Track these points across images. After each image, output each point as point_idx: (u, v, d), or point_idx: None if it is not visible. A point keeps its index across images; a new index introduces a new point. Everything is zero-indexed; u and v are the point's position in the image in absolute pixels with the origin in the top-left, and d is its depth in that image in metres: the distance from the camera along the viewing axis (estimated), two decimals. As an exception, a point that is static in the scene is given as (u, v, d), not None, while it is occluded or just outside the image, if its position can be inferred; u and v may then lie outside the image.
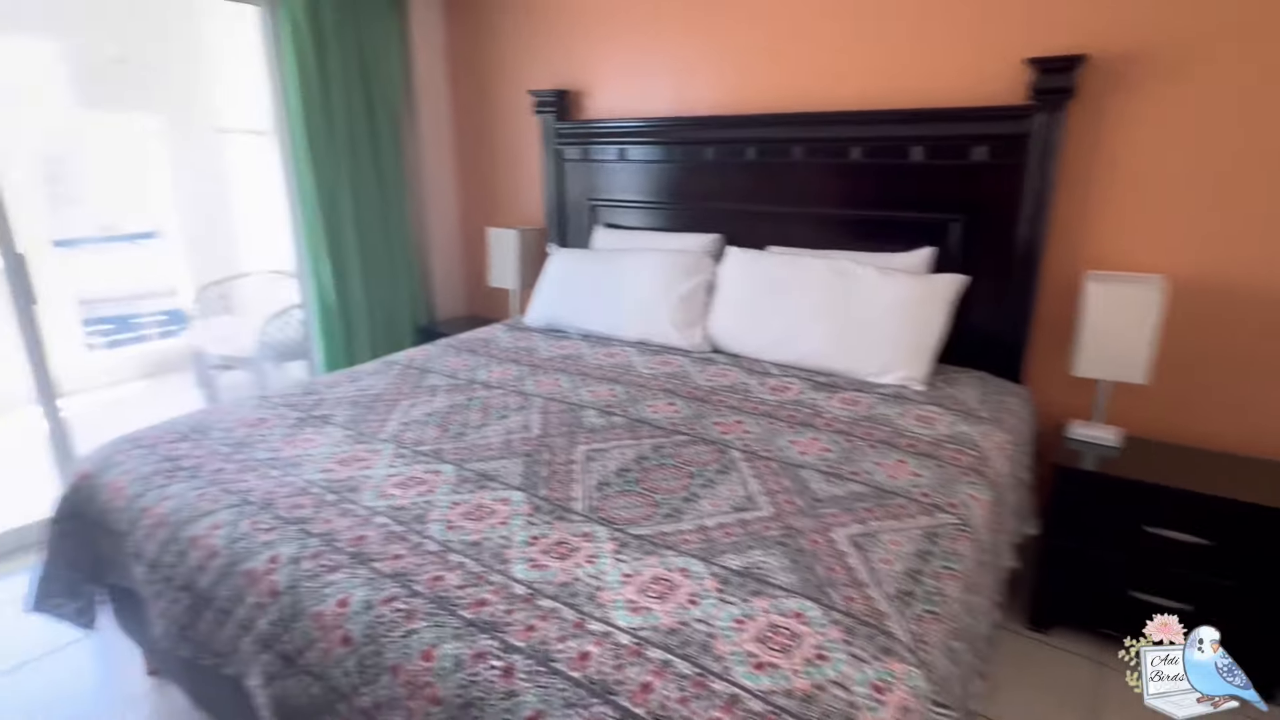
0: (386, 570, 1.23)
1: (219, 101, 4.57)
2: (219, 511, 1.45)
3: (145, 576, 1.51)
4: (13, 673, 1.96)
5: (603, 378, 2.24)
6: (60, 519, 1.72)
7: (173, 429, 1.86)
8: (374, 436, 1.79)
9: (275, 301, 4.15)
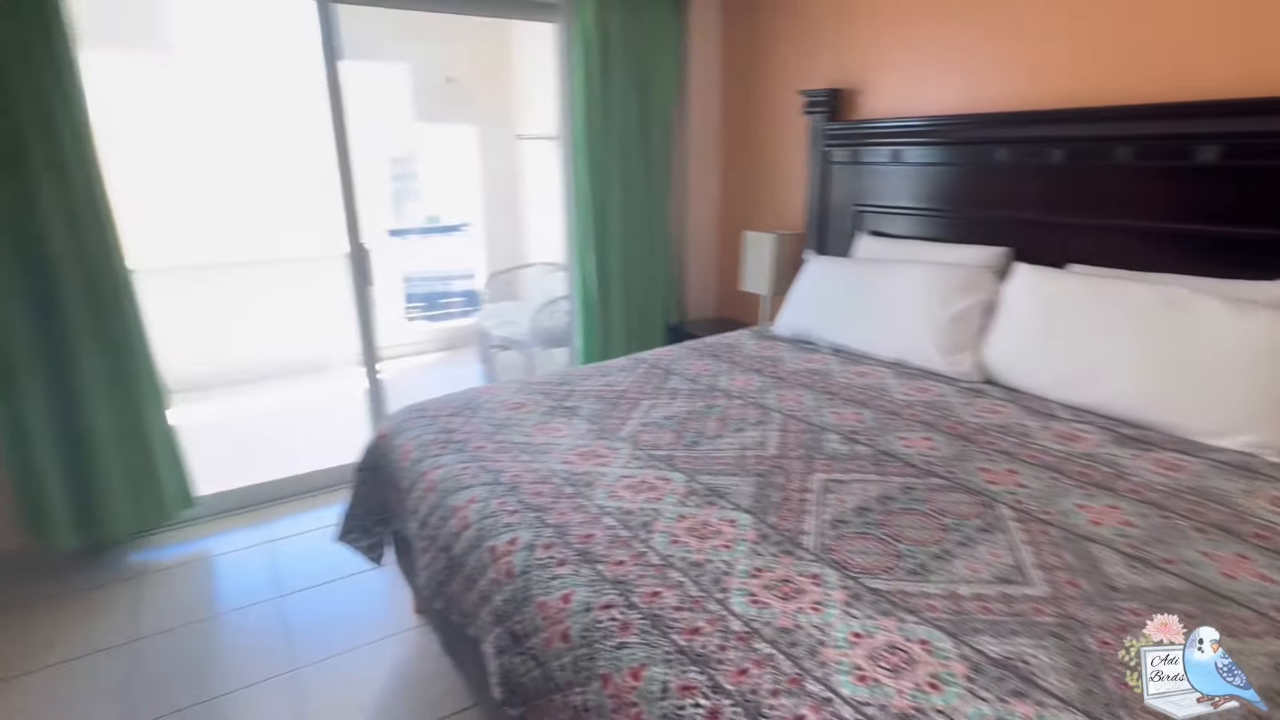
0: (609, 575, 1.24)
1: (521, 112, 5.14)
2: (476, 487, 1.60)
3: (417, 531, 1.72)
4: (320, 587, 2.40)
5: (850, 399, 2.08)
6: (362, 468, 2.04)
7: (450, 403, 2.10)
8: (613, 434, 1.85)
9: (548, 291, 4.56)
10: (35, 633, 2.17)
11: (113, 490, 2.45)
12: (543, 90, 4.84)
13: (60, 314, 2.29)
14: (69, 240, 2.26)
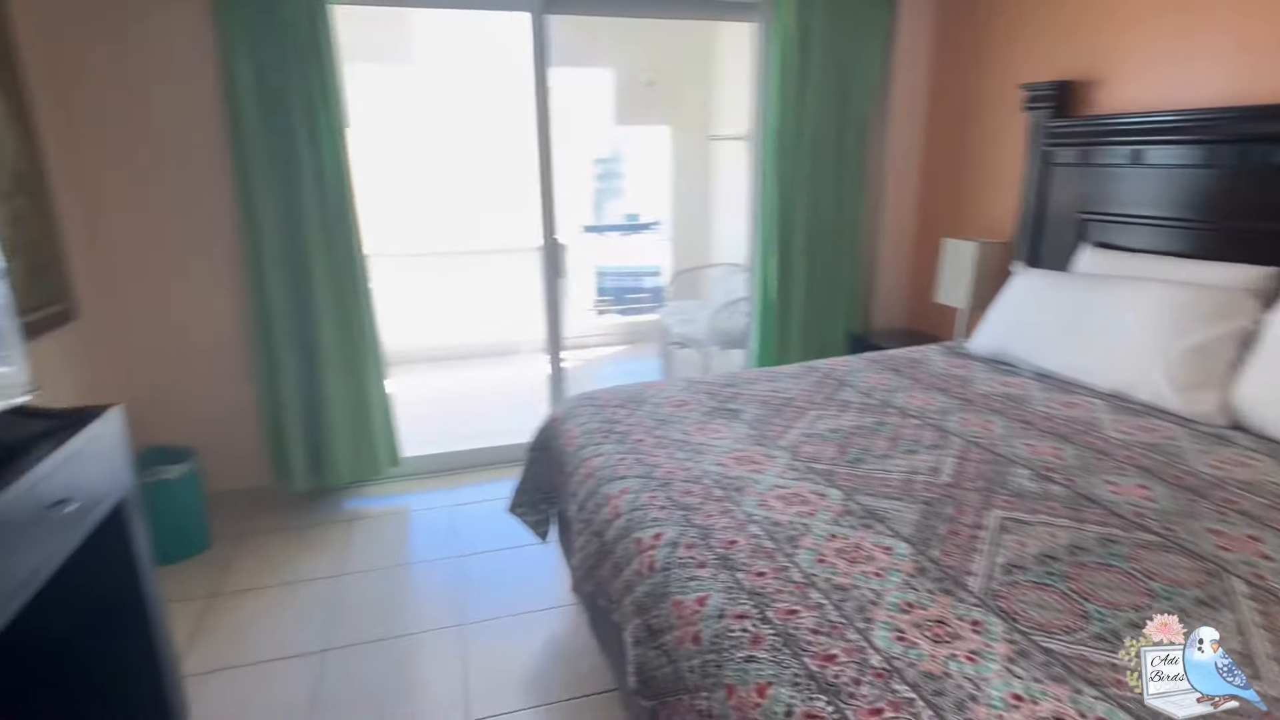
0: (746, 584, 1.21)
1: (716, 113, 5.18)
2: (630, 479, 1.64)
3: (575, 514, 1.80)
4: (493, 553, 2.60)
5: (1050, 431, 1.84)
6: (534, 447, 2.18)
7: (618, 395, 2.17)
8: (773, 441, 1.80)
9: (730, 292, 4.55)
10: (271, 555, 2.59)
11: (338, 445, 2.85)
12: (739, 91, 4.84)
13: (309, 295, 2.70)
14: (320, 230, 2.66)
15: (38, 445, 1.38)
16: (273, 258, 2.62)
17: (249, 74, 2.46)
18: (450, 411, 4.29)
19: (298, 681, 1.96)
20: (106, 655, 1.68)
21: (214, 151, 2.58)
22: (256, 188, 2.55)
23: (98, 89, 2.44)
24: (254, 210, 2.57)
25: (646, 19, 3.29)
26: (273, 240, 2.61)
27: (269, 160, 2.55)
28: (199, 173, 2.60)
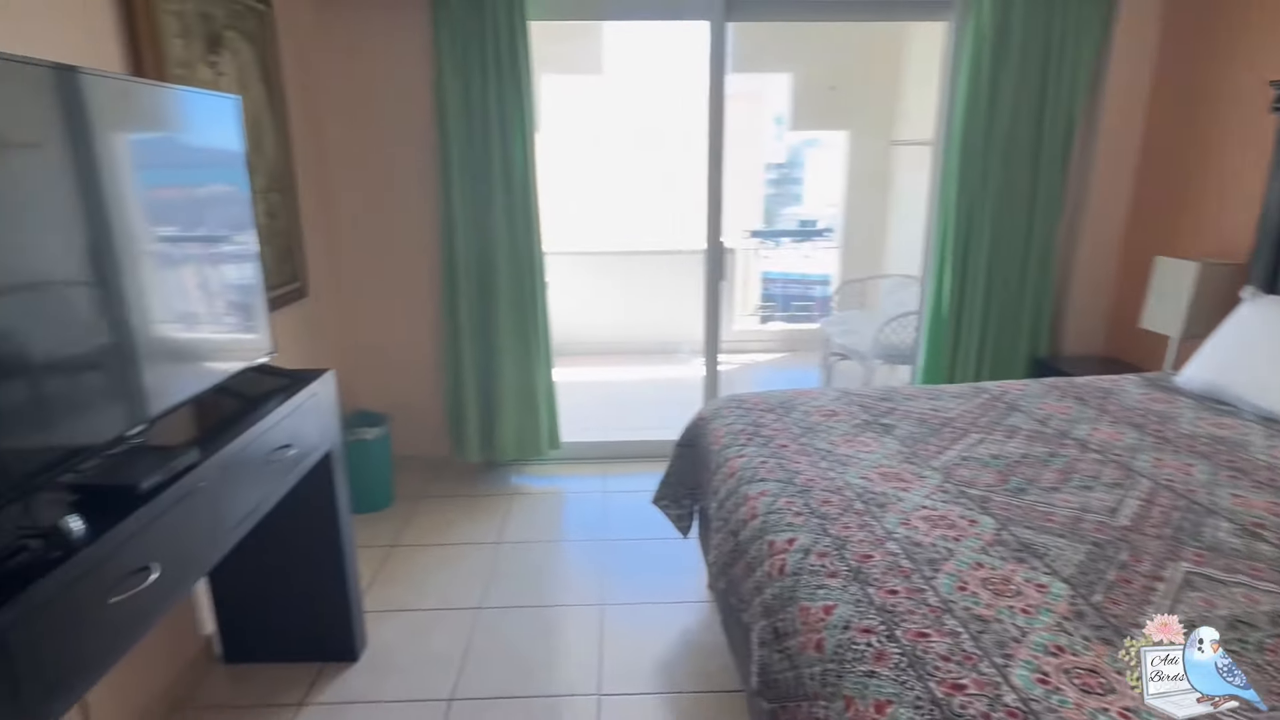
0: (877, 600, 1.19)
1: (900, 117, 4.95)
2: (769, 482, 1.65)
3: (715, 511, 1.84)
4: (637, 541, 2.71)
5: (1269, 483, 1.59)
6: (681, 443, 2.25)
7: (767, 399, 2.18)
8: (925, 461, 1.72)
9: (900, 305, 4.34)
10: (443, 517, 2.88)
11: (506, 425, 3.11)
12: (926, 94, 4.59)
13: (491, 289, 2.97)
14: (505, 229, 2.91)
15: (272, 398, 1.67)
16: (463, 254, 2.92)
17: (457, 88, 2.76)
18: (609, 404, 4.49)
19: (455, 632, 2.18)
20: (307, 583, 1.98)
21: (425, 157, 2.92)
22: (455, 189, 2.85)
23: (337, 102, 2.86)
24: (451, 210, 2.88)
25: (833, 22, 3.21)
26: (464, 238, 2.90)
27: (466, 164, 2.84)
28: (411, 176, 2.96)
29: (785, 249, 6.42)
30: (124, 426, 1.24)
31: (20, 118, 1.08)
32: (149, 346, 1.33)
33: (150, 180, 1.39)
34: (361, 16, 2.78)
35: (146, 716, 1.77)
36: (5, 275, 1.03)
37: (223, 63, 2.13)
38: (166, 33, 1.85)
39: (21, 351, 1.05)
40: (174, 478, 1.22)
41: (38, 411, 1.09)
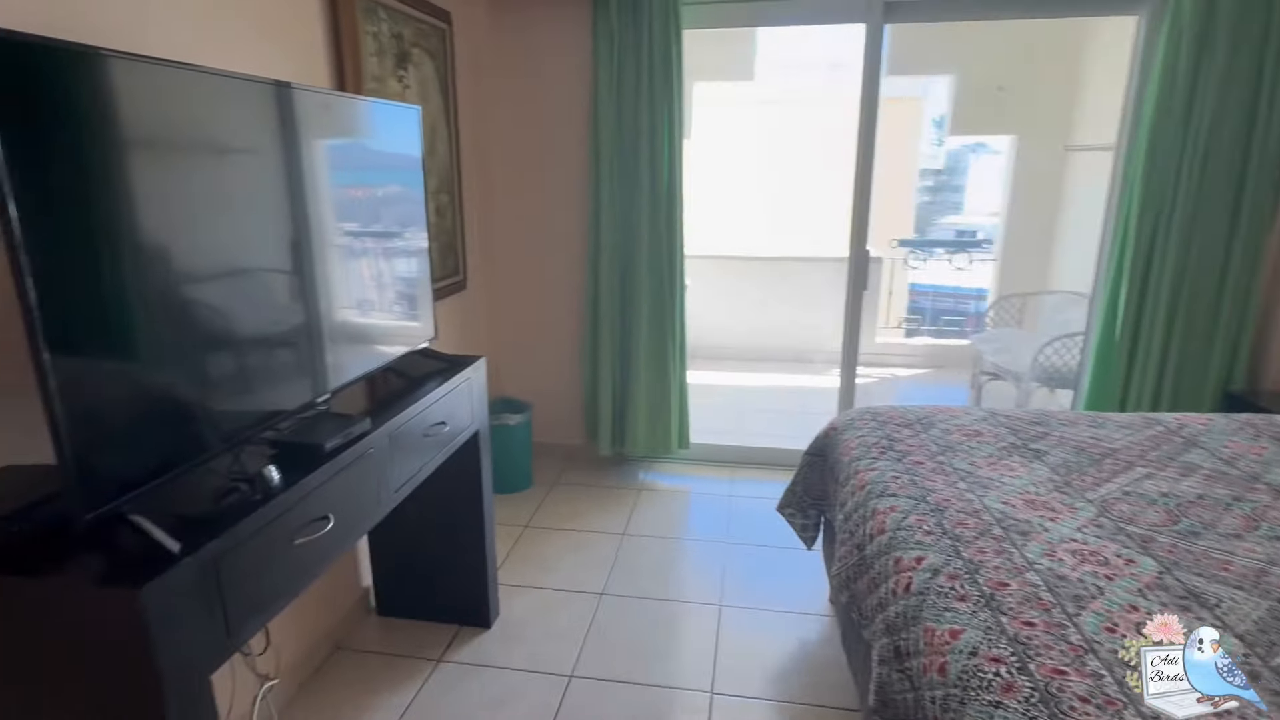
0: (1009, 629, 1.12)
1: (1074, 120, 4.54)
2: (900, 498, 1.60)
3: (841, 523, 1.81)
4: (759, 547, 2.70)
5: None
6: (810, 452, 2.22)
7: (904, 414, 2.10)
8: (1080, 492, 1.59)
9: (1064, 324, 4.00)
10: (574, 504, 3.02)
11: (639, 421, 3.20)
12: (1109, 96, 4.20)
13: (632, 289, 3.07)
14: (649, 232, 3.00)
15: (431, 380, 1.84)
16: (607, 255, 3.04)
17: (610, 97, 2.89)
18: (740, 408, 4.48)
19: (580, 613, 2.29)
20: (450, 551, 2.16)
21: (577, 162, 3.08)
22: (603, 192, 2.98)
23: (501, 111, 3.08)
24: (598, 211, 3.02)
25: (1004, 20, 3.03)
26: (609, 239, 3.03)
27: (616, 169, 2.96)
28: (564, 180, 3.13)
29: (936, 259, 6.08)
30: (311, 395, 1.44)
31: (244, 126, 1.28)
32: (333, 329, 1.53)
33: (342, 181, 1.59)
34: (529, 31, 2.98)
35: (314, 649, 2.02)
36: (225, 261, 1.23)
37: (408, 76, 2.38)
38: (365, 52, 2.10)
39: (234, 327, 1.25)
40: (351, 442, 1.40)
41: (246, 378, 1.29)
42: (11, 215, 0.83)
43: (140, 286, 1.06)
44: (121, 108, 1.02)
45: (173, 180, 1.12)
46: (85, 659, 0.98)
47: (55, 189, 0.91)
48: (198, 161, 1.18)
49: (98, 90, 0.99)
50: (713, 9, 2.95)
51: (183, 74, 1.13)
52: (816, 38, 6.49)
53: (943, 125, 8.29)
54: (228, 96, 1.23)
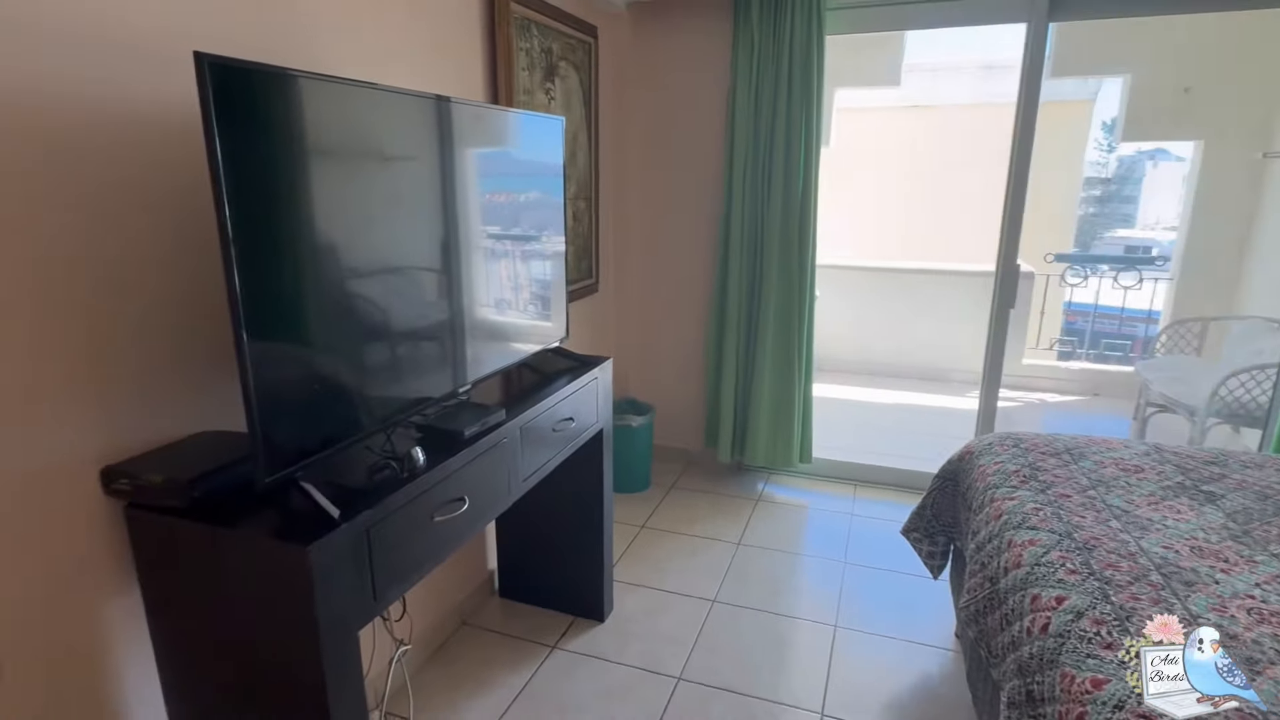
0: (1164, 687, 1.02)
1: (1277, 124, 3.99)
2: (1041, 531, 1.48)
3: (972, 553, 1.70)
4: (879, 570, 2.58)
5: None
6: (942, 475, 2.10)
7: (1051, 443, 1.94)
8: (1262, 544, 1.41)
9: (1256, 354, 3.54)
10: (691, 509, 3.04)
11: (760, 432, 3.17)
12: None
13: (759, 298, 3.05)
14: (779, 242, 2.97)
15: (562, 377, 1.93)
16: (736, 262, 3.04)
17: (747, 104, 2.89)
18: (866, 424, 4.31)
19: (690, 617, 2.30)
20: (570, 544, 2.25)
21: (711, 170, 3.10)
22: (735, 200, 2.99)
23: (639, 120, 3.17)
24: (729, 219, 3.02)
25: (1188, 14, 2.73)
26: (738, 247, 3.02)
27: (749, 177, 2.95)
28: (696, 187, 3.16)
29: (1099, 276, 5.54)
30: (454, 386, 1.55)
31: (407, 136, 1.40)
32: (475, 325, 1.64)
33: (489, 186, 1.70)
34: (669, 41, 3.05)
35: (443, 623, 2.17)
36: (385, 259, 1.35)
37: (555, 88, 2.50)
38: (518, 66, 2.23)
39: (392, 320, 1.37)
40: (487, 430, 1.49)
41: (399, 367, 1.41)
42: (226, 217, 0.97)
43: (319, 280, 1.19)
44: (313, 121, 1.16)
45: (348, 185, 1.25)
46: (256, 602, 1.12)
47: (259, 194, 1.05)
48: (368, 168, 1.31)
49: (295, 106, 1.13)
50: (859, 13, 2.87)
51: (362, 91, 1.26)
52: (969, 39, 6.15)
53: (1113, 130, 7.56)
54: (397, 110, 1.36)
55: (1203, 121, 4.29)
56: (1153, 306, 5.08)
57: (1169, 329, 4.24)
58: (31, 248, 1.05)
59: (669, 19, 3.02)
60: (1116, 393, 4.82)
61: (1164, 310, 4.82)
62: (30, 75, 1.02)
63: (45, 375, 1.08)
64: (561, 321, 2.07)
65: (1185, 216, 4.55)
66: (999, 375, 3.02)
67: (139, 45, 1.16)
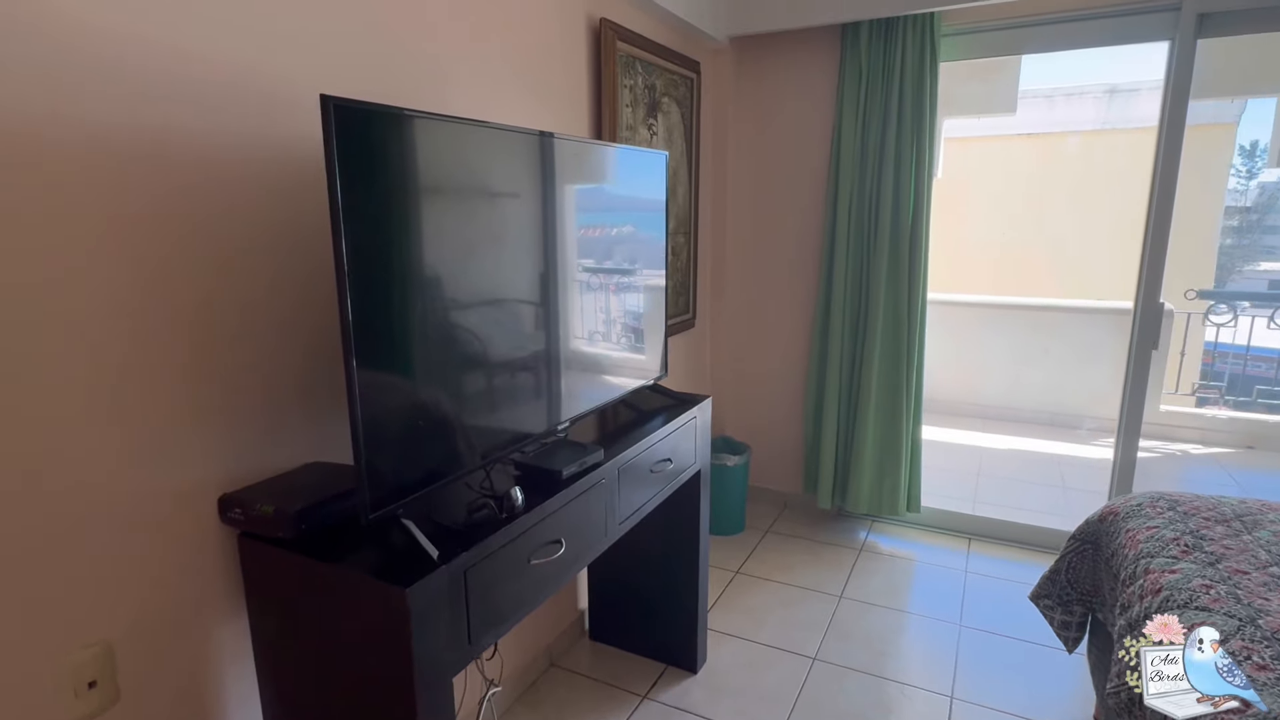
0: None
1: None
2: (1215, 614, 1.28)
3: (1122, 629, 1.50)
4: (999, 636, 2.34)
5: None
6: (1080, 538, 1.88)
7: (1217, 506, 1.70)
8: None
9: None
10: (788, 556, 2.89)
11: (864, 477, 2.99)
12: None
13: (864, 338, 2.90)
14: (889, 274, 2.82)
15: (659, 415, 1.87)
16: (839, 297, 2.91)
17: (853, 134, 2.79)
18: (983, 473, 4.00)
19: (789, 675, 2.16)
20: (663, 589, 2.16)
21: (814, 203, 3.01)
22: (840, 233, 2.87)
23: (741, 153, 3.12)
24: (833, 253, 2.90)
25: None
26: (842, 281, 2.89)
27: (855, 210, 2.84)
28: (798, 221, 3.07)
29: (1247, 314, 4.98)
30: (553, 422, 1.52)
31: (512, 173, 1.40)
32: (573, 360, 1.61)
33: (591, 220, 1.68)
34: (774, 74, 3.00)
35: (533, 663, 2.12)
36: (488, 292, 1.34)
37: (657, 124, 2.50)
38: (621, 103, 2.24)
39: (489, 354, 1.36)
40: (585, 470, 1.45)
41: (499, 403, 1.39)
42: (341, 248, 0.98)
43: (425, 316, 1.19)
44: (421, 157, 1.17)
45: (453, 219, 1.25)
46: (354, 639, 1.10)
47: (371, 227, 1.06)
48: (473, 202, 1.31)
49: (405, 144, 1.14)
50: (976, 38, 2.74)
51: (468, 128, 1.27)
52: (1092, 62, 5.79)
53: (1254, 154, 6.88)
54: (502, 145, 1.36)
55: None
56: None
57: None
58: (189, 291, 1.12)
59: (773, 49, 2.98)
60: (1274, 445, 4.29)
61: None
62: (194, 132, 1.08)
63: (194, 399, 1.13)
64: (658, 357, 2.02)
65: (1358, 249, 4.03)
66: (1139, 424, 2.73)
67: (275, 92, 1.22)
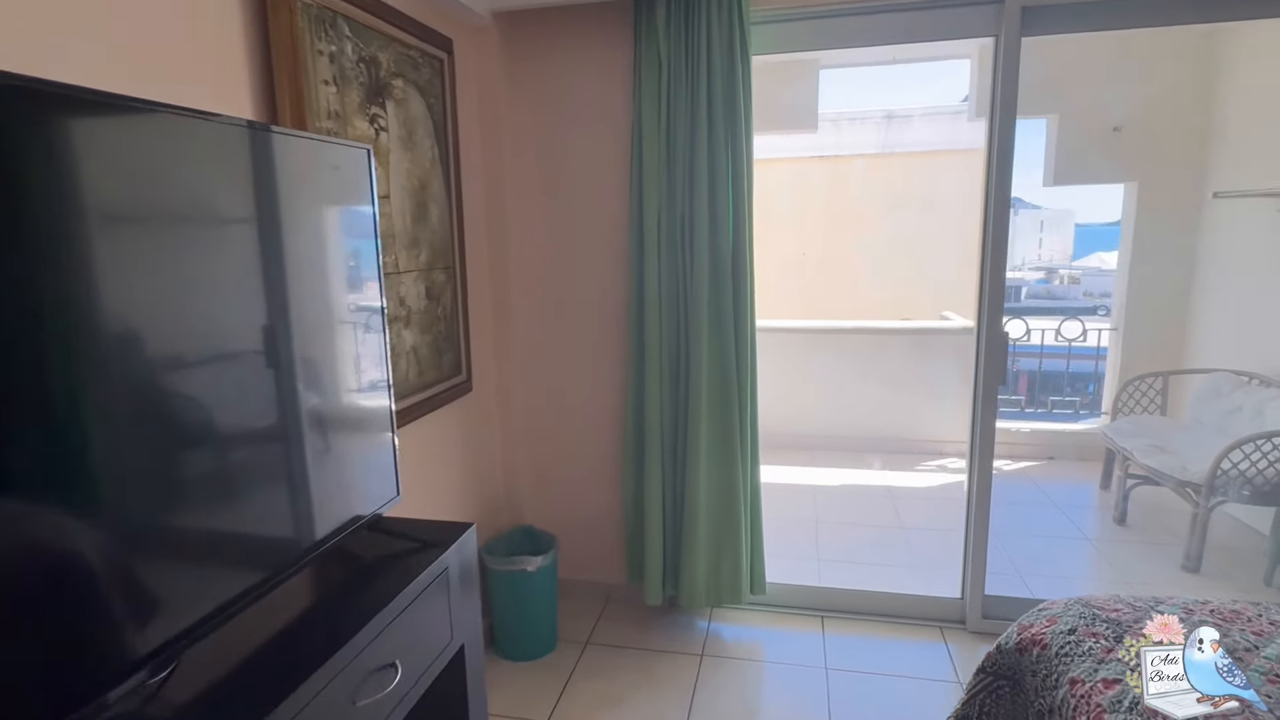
0: None
1: (1218, 161, 3.75)
2: None
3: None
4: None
5: None
6: (989, 671, 1.40)
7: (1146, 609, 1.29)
8: None
9: (1229, 413, 3.16)
10: (614, 678, 2.21)
11: (699, 558, 2.40)
12: (1266, 130, 3.43)
13: (688, 370, 2.33)
14: (712, 303, 2.28)
15: (375, 580, 1.10)
16: (654, 342, 2.33)
17: (656, 141, 2.23)
18: (821, 520, 3.62)
19: None
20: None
21: (617, 231, 2.40)
22: (649, 265, 2.29)
23: (519, 165, 2.43)
24: (643, 290, 2.32)
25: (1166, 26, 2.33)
26: (655, 322, 2.32)
27: (664, 234, 2.27)
28: (598, 251, 2.43)
29: (1041, 327, 5.16)
30: (123, 667, 0.72)
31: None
32: (172, 533, 0.82)
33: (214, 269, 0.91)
34: (552, 60, 2.37)
35: None
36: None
37: (385, 116, 1.75)
38: (313, 77, 1.47)
39: None
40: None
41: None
42: None
43: None
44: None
45: None
46: None
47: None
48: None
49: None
50: (787, 28, 2.30)
51: None
52: (879, 87, 5.88)
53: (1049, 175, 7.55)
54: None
55: (1137, 161, 4.03)
56: (1100, 344, 4.73)
57: (1126, 386, 3.85)
58: None
59: (549, 31, 2.35)
60: (1068, 454, 4.41)
61: (1110, 363, 4.48)
62: None
63: None
64: (383, 471, 1.26)
65: (1124, 263, 4.26)
66: (990, 460, 2.41)
67: None
